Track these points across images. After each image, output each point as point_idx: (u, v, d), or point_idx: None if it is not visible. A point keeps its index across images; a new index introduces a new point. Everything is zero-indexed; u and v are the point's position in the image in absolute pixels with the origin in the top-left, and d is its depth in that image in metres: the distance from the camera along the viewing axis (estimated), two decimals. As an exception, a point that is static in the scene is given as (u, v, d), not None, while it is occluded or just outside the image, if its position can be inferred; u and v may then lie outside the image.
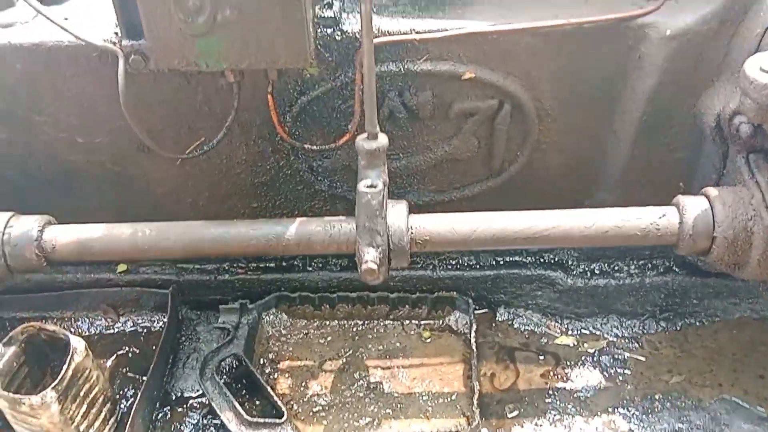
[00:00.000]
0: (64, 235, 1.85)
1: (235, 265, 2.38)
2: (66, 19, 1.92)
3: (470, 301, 2.30)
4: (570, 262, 2.31)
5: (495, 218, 1.82)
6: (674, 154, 2.03)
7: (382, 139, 1.74)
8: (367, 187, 1.76)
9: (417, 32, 1.87)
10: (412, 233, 1.79)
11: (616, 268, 2.28)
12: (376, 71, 1.83)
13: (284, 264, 2.38)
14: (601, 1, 1.89)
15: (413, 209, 1.84)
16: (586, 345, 2.25)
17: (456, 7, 1.93)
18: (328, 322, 2.37)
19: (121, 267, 2.38)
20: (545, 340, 2.27)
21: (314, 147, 2.04)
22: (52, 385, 1.79)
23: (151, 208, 2.23)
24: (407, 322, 2.35)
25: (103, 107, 1.98)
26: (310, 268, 2.38)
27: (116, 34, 1.84)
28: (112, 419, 2.04)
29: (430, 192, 2.21)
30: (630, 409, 2.07)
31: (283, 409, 2.02)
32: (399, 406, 2.10)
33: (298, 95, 1.99)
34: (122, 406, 2.11)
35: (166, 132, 2.04)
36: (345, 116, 2.02)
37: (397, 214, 1.78)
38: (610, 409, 2.07)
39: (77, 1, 2.02)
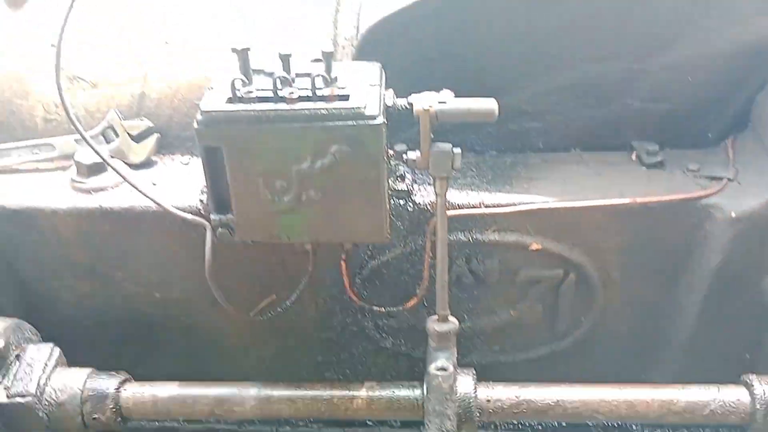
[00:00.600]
0: (141, 395, 1.93)
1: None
2: (154, 184, 2.07)
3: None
4: (633, 427, 2.31)
5: (561, 392, 1.87)
6: (740, 327, 2.07)
7: (453, 322, 1.81)
8: (438, 369, 1.83)
9: (486, 206, 1.97)
10: (479, 406, 1.84)
11: (682, 437, 2.28)
12: (445, 240, 1.92)
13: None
14: (666, 178, 1.99)
15: (477, 369, 1.89)
16: None
17: (522, 180, 2.04)
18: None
19: (184, 415, 2.44)
20: None
21: (382, 309, 2.12)
22: None
23: (219, 358, 2.32)
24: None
25: (182, 265, 2.09)
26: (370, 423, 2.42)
27: (201, 201, 1.98)
28: None
29: (493, 353, 2.26)
30: None
31: None
32: None
33: (368, 259, 2.09)
34: None
35: (240, 289, 2.14)
36: (413, 280, 2.10)
37: (465, 387, 1.84)
38: None
39: (165, 165, 2.16)
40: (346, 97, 1.68)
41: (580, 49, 1.98)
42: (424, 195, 1.98)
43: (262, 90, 1.70)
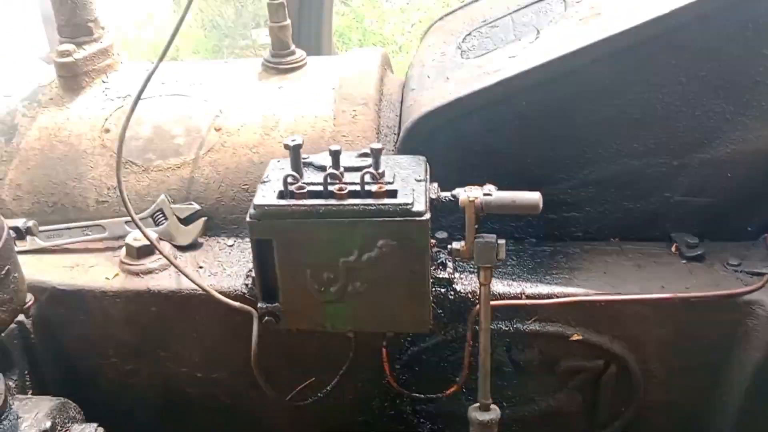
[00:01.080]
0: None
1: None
2: (200, 267, 2.14)
3: None
4: None
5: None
6: (784, 424, 2.07)
7: (495, 411, 1.84)
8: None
9: (527, 296, 2.01)
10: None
11: None
12: (485, 329, 1.97)
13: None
14: (706, 272, 2.02)
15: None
16: None
17: (563, 270, 2.08)
18: None
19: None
20: None
21: (422, 396, 2.15)
22: None
23: (255, 438, 2.35)
24: None
25: (225, 347, 2.14)
26: None
27: (246, 285, 2.04)
28: None
29: (532, 441, 2.27)
30: None
31: None
32: None
33: (409, 345, 2.13)
34: None
35: (280, 371, 2.18)
36: (453, 367, 2.13)
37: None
38: None
39: (211, 247, 2.23)
40: (394, 193, 1.76)
41: (621, 144, 2.04)
42: (466, 283, 2.03)
43: (313, 184, 1.78)
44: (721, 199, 2.07)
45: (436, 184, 1.89)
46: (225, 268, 2.14)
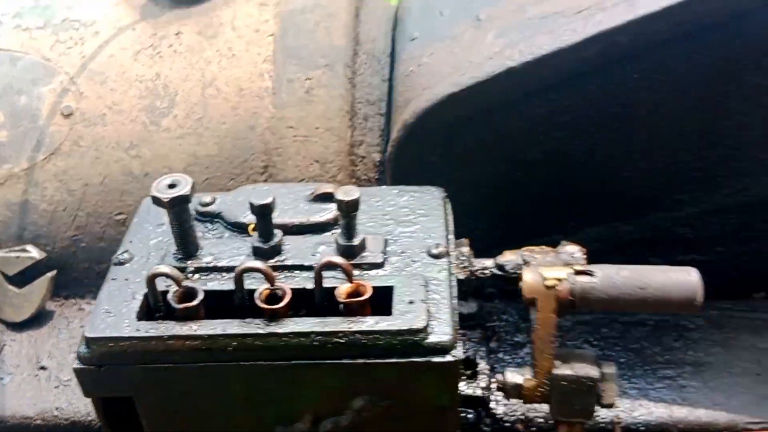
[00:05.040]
0: None
1: None
2: (42, 368, 1.38)
3: None
4: None
5: None
6: None
7: None
8: None
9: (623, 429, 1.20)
10: None
11: None
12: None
13: None
14: None
15: None
16: None
17: (681, 369, 1.30)
18: None
19: None
20: None
21: None
22: None
23: None
24: None
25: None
26: None
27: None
28: None
29: None
30: None
31: None
32: None
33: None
34: None
35: None
36: None
37: None
38: None
39: (67, 321, 1.42)
40: (384, 297, 0.89)
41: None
42: (510, 403, 1.19)
43: (214, 275, 0.90)
44: None
45: (466, 247, 1.03)
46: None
